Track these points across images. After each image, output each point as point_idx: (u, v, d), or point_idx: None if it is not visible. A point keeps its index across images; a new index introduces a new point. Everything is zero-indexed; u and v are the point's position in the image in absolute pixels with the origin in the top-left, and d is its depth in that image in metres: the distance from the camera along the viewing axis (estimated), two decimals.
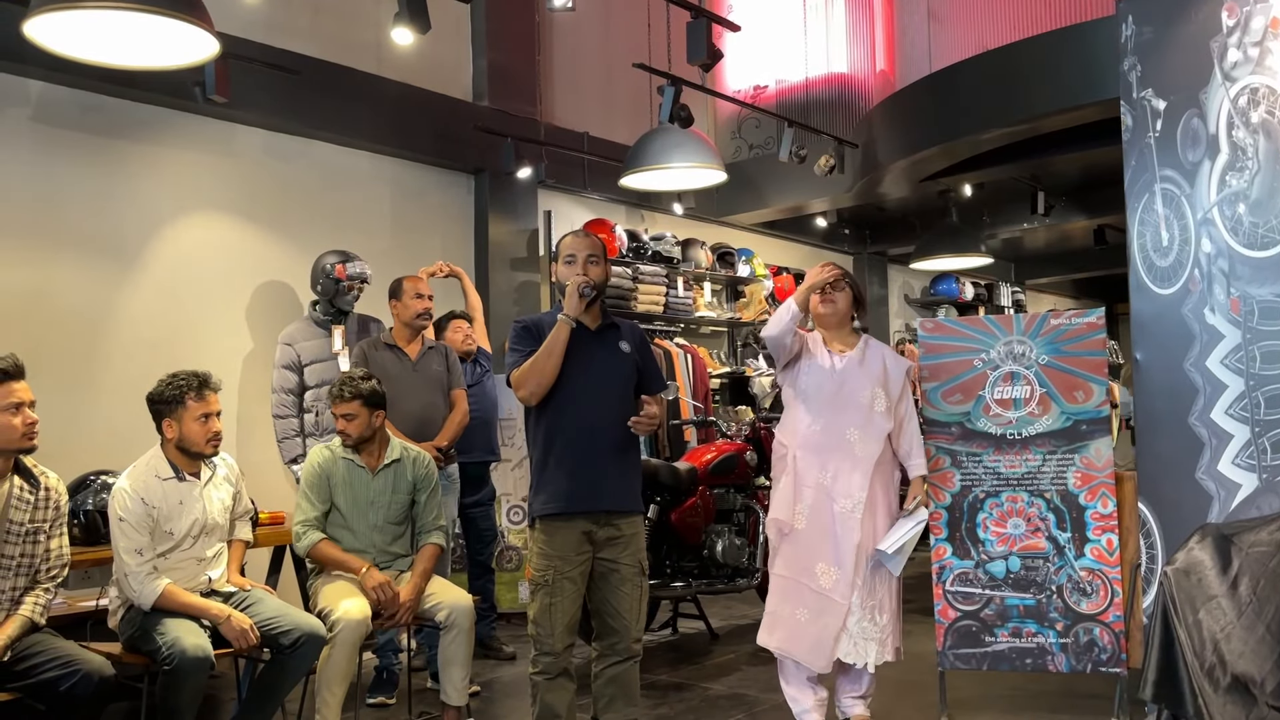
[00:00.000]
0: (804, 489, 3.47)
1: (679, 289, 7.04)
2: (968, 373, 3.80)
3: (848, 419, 3.47)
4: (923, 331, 3.87)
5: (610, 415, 2.99)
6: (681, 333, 7.32)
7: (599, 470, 2.95)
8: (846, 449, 3.45)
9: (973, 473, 3.76)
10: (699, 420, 5.61)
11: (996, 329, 3.80)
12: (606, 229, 6.56)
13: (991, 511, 3.75)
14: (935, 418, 3.79)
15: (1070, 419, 3.71)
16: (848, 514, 3.44)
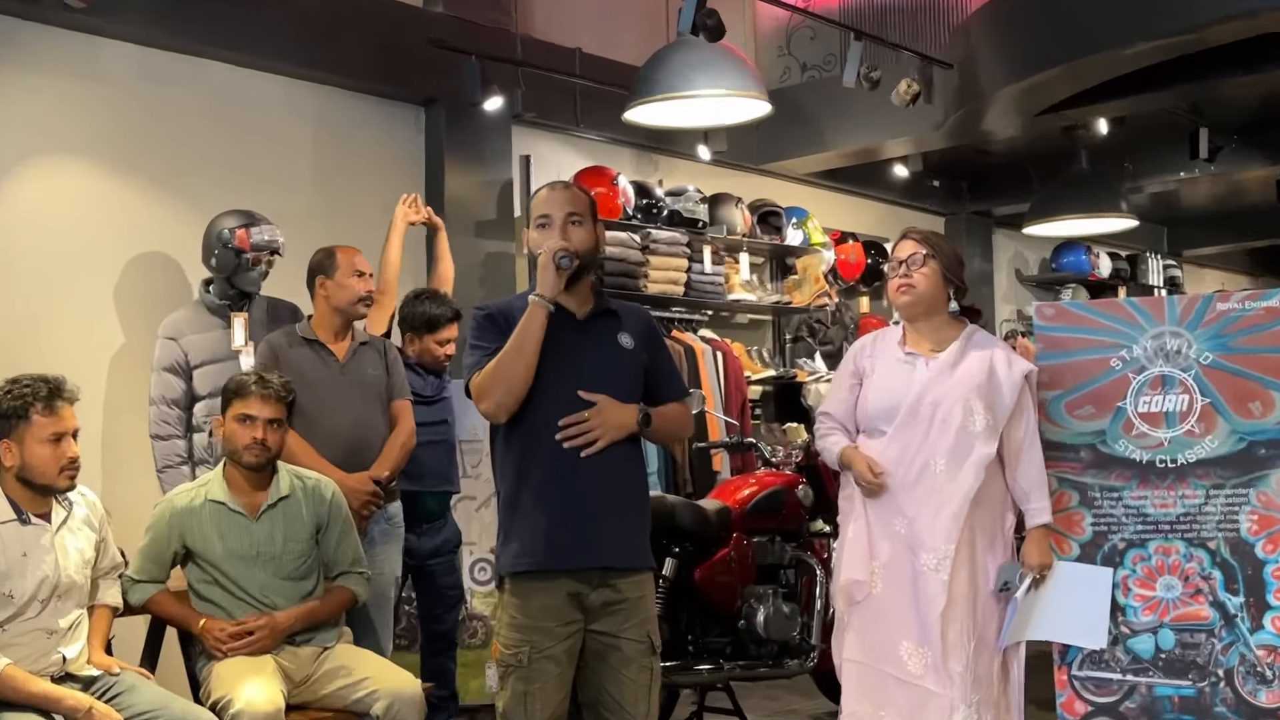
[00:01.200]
0: (879, 540, 3.49)
1: (706, 263, 7.06)
2: (1102, 377, 3.78)
3: (933, 443, 3.47)
4: (1040, 320, 3.86)
5: None
6: (710, 322, 7.34)
7: (591, 511, 2.96)
8: (931, 484, 3.46)
9: (1109, 515, 3.75)
10: (732, 443, 5.61)
11: (1142, 317, 3.79)
12: (605, 181, 6.57)
13: (1135, 568, 3.73)
14: (1058, 439, 3.78)
15: (1244, 440, 3.70)
16: (931, 572, 3.44)
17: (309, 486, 3.76)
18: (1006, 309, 10.25)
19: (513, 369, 2.93)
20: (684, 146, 7.31)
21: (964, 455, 3.46)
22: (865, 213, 8.92)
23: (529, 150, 6.60)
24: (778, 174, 8.09)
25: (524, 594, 2.98)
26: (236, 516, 3.66)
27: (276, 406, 3.68)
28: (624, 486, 3.03)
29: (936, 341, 3.59)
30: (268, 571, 3.64)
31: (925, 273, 3.55)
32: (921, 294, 3.55)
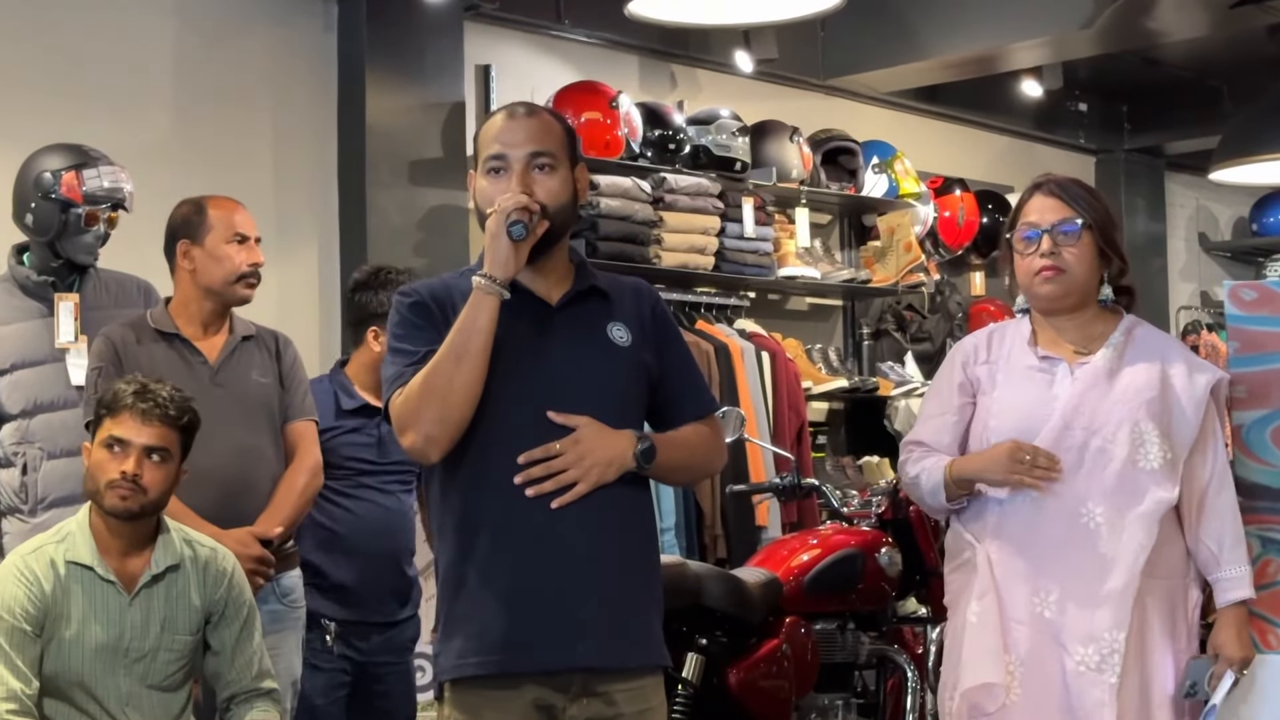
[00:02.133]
0: (1011, 626, 3.49)
1: (746, 223, 7.06)
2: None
3: (1086, 485, 3.47)
4: (1235, 306, 3.83)
5: None
6: (752, 309, 7.33)
7: (567, 587, 2.96)
8: (1086, 544, 3.46)
9: None
10: (785, 485, 5.59)
11: None
12: (601, 103, 6.58)
13: None
14: (1258, 479, 3.75)
15: None
16: (1090, 672, 3.43)
17: (201, 557, 3.76)
18: (1185, 290, 10.23)
19: (448, 384, 2.92)
20: (715, 53, 7.30)
21: (1133, 503, 3.45)
22: (980, 150, 8.90)
23: (489, 58, 6.60)
24: (852, 93, 8.07)
25: (471, 708, 2.98)
26: (107, 589, 3.66)
27: (161, 431, 3.67)
28: (619, 550, 3.01)
29: (1083, 340, 3.58)
30: (133, 677, 3.65)
31: (1079, 250, 3.51)
32: (1075, 280, 3.52)
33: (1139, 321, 3.63)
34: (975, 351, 3.66)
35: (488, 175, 3.07)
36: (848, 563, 4.99)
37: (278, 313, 5.55)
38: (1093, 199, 3.58)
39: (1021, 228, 3.57)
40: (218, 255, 4.27)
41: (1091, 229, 3.52)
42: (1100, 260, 3.55)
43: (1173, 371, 3.53)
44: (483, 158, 3.09)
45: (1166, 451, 3.48)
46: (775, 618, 4.83)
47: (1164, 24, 7.10)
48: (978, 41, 7.44)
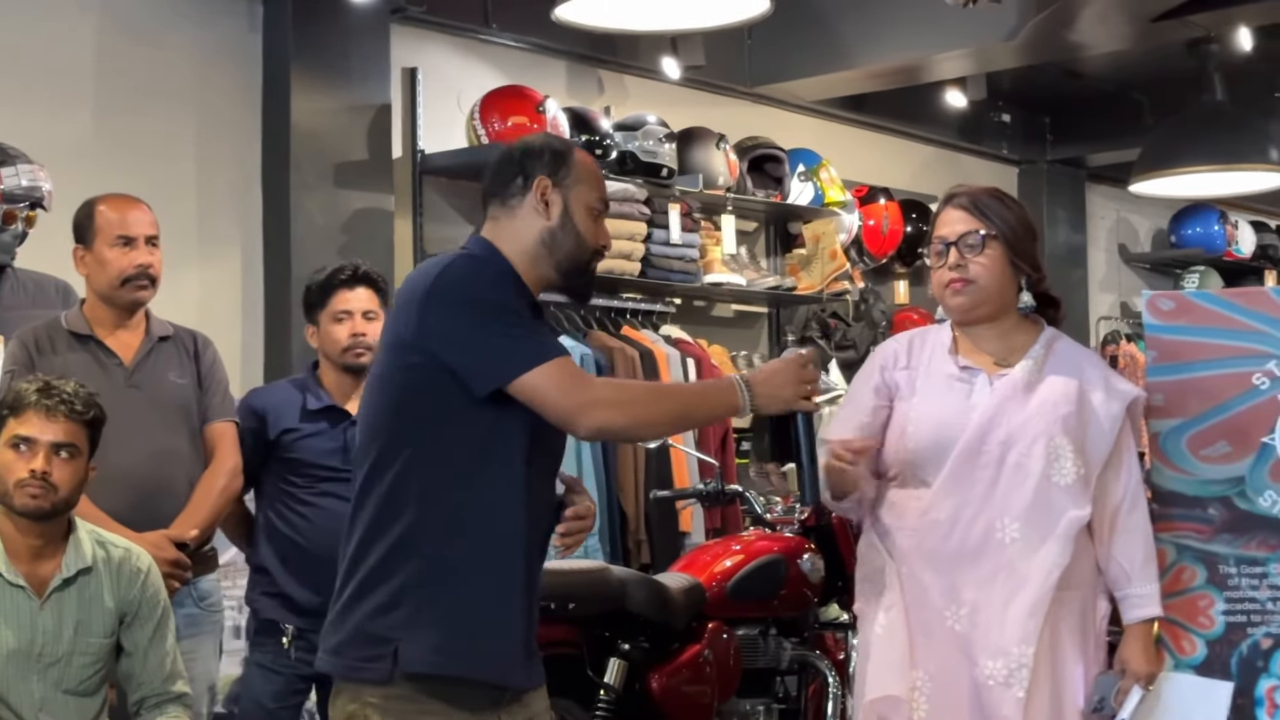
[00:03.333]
0: (923, 639, 3.49)
1: (672, 229, 7.07)
2: (1241, 400, 3.79)
3: (1002, 500, 3.47)
4: (1153, 316, 3.87)
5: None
6: (677, 316, 7.35)
7: (534, 604, 3.19)
8: (999, 559, 3.46)
9: (1249, 599, 3.75)
10: (708, 491, 5.60)
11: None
12: (528, 108, 6.57)
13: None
14: (1177, 488, 3.80)
15: None
16: (999, 686, 3.42)
17: (114, 558, 3.72)
18: (1105, 300, 10.34)
19: (681, 420, 3.35)
20: (642, 59, 7.30)
21: (1047, 519, 3.45)
22: (905, 159, 8.95)
23: (416, 61, 6.60)
24: (778, 101, 8.10)
25: (432, 706, 3.01)
26: (16, 594, 3.62)
27: (68, 427, 3.63)
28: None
29: (1003, 350, 3.57)
30: (48, 682, 3.61)
31: (986, 261, 3.50)
32: (983, 291, 3.51)
33: (1059, 334, 3.63)
34: (895, 356, 3.65)
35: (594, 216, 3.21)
36: (770, 569, 5.01)
37: (199, 313, 5.52)
38: (1003, 209, 3.56)
39: (933, 241, 3.59)
40: (102, 259, 4.24)
41: (998, 239, 3.51)
42: (1012, 271, 3.54)
43: (1090, 388, 3.53)
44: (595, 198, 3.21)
45: (1080, 467, 3.48)
46: (698, 623, 4.84)
47: (1086, 37, 7.17)
48: (903, 52, 7.48)
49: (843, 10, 7.49)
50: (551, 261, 3.14)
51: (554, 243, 3.13)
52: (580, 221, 3.15)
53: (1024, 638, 3.42)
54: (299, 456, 4.50)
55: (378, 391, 3.11)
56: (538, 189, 3.14)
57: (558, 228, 3.14)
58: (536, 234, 3.13)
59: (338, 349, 4.50)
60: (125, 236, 4.25)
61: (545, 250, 3.13)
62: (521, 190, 3.14)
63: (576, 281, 3.21)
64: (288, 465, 4.46)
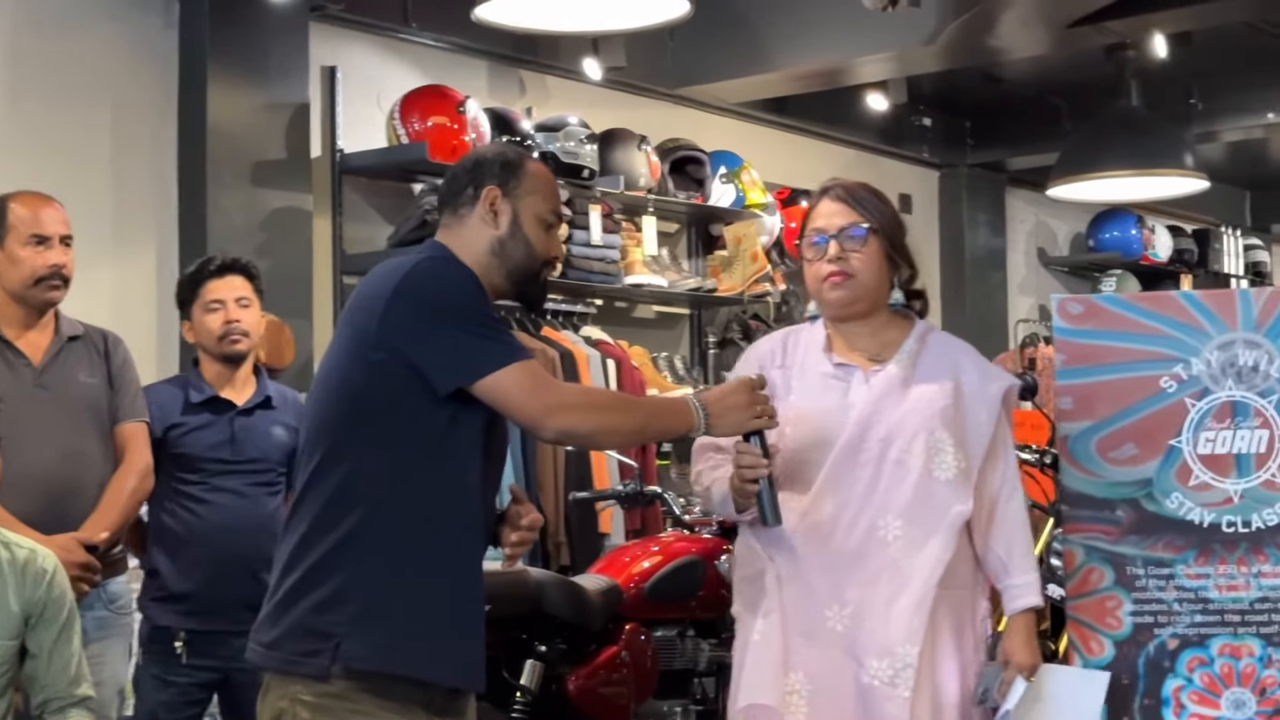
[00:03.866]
0: (802, 642, 3.45)
1: (593, 230, 7.07)
2: (1149, 403, 3.84)
3: (883, 497, 3.44)
4: (1062, 319, 3.91)
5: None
6: (598, 317, 7.35)
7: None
8: (882, 557, 3.43)
9: (1156, 600, 3.80)
10: (627, 493, 5.60)
11: (1205, 318, 3.85)
12: (448, 108, 6.55)
13: (1192, 676, 3.79)
14: (1085, 490, 3.83)
15: None
16: (884, 687, 3.40)
17: (19, 559, 3.67)
18: (1024, 303, 10.41)
19: (640, 433, 3.41)
20: (564, 60, 7.29)
21: (930, 515, 3.42)
22: (826, 162, 8.96)
23: (335, 59, 6.56)
24: (700, 103, 8.11)
25: (374, 703, 3.00)
26: None
27: None
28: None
29: (877, 347, 3.54)
30: None
31: (866, 255, 3.47)
32: (863, 285, 3.48)
33: (931, 327, 3.60)
34: (771, 355, 3.58)
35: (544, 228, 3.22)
36: (688, 570, 5.02)
37: (113, 312, 5.47)
38: (880, 203, 3.55)
39: (810, 234, 3.53)
40: (15, 258, 4.19)
41: (878, 233, 3.49)
42: (888, 265, 3.52)
43: (965, 379, 3.50)
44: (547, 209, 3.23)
45: (961, 460, 3.45)
46: (615, 625, 4.84)
47: (1005, 42, 7.22)
48: (824, 55, 7.51)
49: (764, 13, 7.51)
50: (502, 271, 3.15)
51: (504, 252, 3.15)
52: (530, 231, 3.16)
53: (908, 637, 3.39)
54: (187, 451, 4.48)
55: (330, 388, 3.11)
56: (486, 198, 3.16)
57: (507, 237, 3.15)
58: (486, 243, 3.15)
59: (214, 338, 4.51)
60: (39, 235, 4.20)
61: (495, 260, 3.15)
62: (471, 200, 3.17)
63: (528, 290, 3.23)
64: (177, 462, 4.44)
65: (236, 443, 4.58)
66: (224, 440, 4.55)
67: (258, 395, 4.65)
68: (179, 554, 4.49)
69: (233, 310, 4.56)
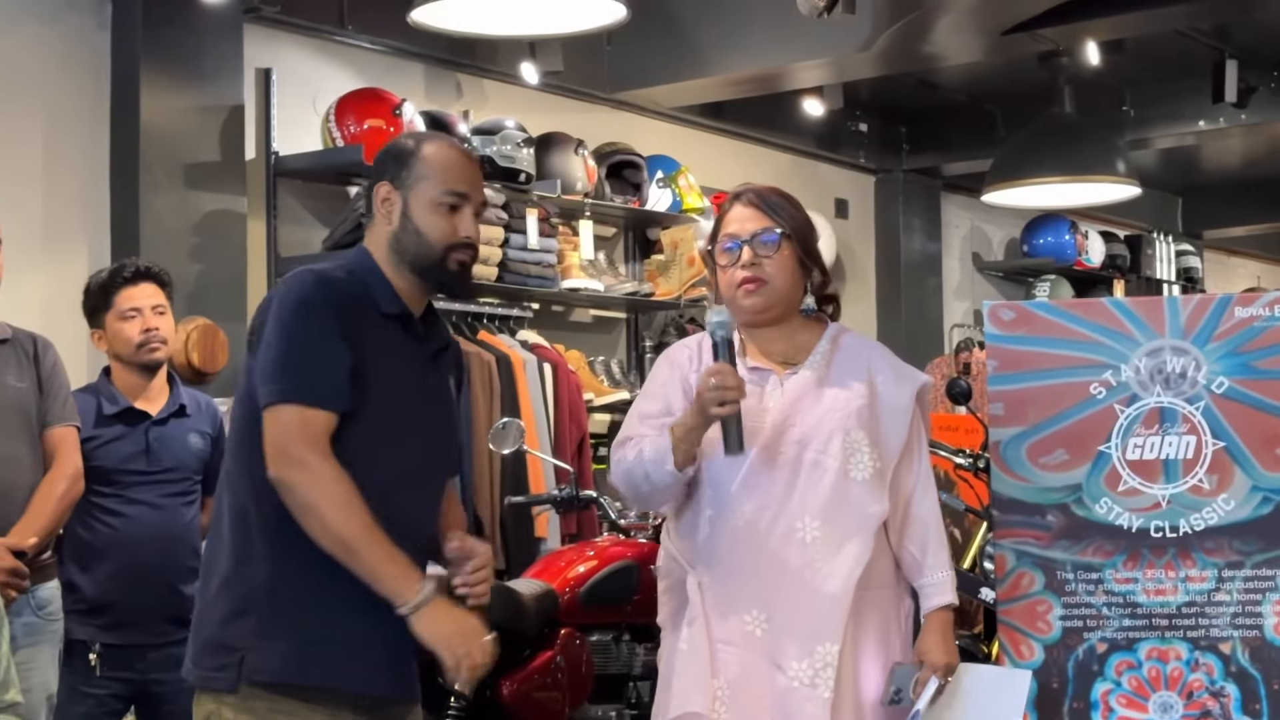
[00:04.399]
0: (721, 649, 3.43)
1: (530, 234, 7.06)
2: (1079, 409, 3.88)
3: (801, 499, 3.44)
4: (994, 325, 3.95)
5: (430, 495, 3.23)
6: (535, 321, 7.34)
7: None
8: (800, 559, 3.42)
9: (1085, 604, 3.85)
10: (564, 497, 5.60)
11: (1134, 325, 3.90)
12: (384, 111, 6.53)
13: (1120, 679, 3.83)
14: (1016, 495, 3.87)
15: (1270, 500, 3.83)
16: (804, 688, 3.39)
17: None
18: (959, 308, 10.45)
19: (338, 544, 3.00)
20: (501, 64, 7.28)
21: (847, 516, 3.42)
22: (763, 167, 9.00)
23: (270, 61, 6.53)
24: (637, 107, 8.11)
25: (291, 703, 2.99)
26: None
27: None
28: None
29: (790, 350, 3.54)
30: None
31: (779, 261, 3.46)
32: (777, 291, 3.47)
33: (844, 329, 3.60)
34: (690, 359, 3.56)
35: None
36: (623, 574, 5.02)
37: (44, 316, 5.40)
38: (792, 208, 3.54)
39: (722, 239, 3.52)
40: None
41: (791, 239, 3.48)
42: (801, 270, 3.52)
43: (880, 379, 3.50)
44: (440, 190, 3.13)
45: (876, 460, 3.45)
46: (551, 629, 4.84)
47: (940, 48, 7.26)
48: (761, 60, 7.52)
49: (701, 18, 7.51)
50: (403, 266, 3.09)
51: (400, 247, 3.09)
52: (421, 220, 3.08)
53: (828, 638, 3.38)
54: (101, 464, 4.45)
55: (239, 404, 3.08)
56: (378, 196, 3.12)
57: (399, 231, 3.10)
58: (386, 241, 3.10)
59: (131, 347, 4.49)
60: None
61: (395, 256, 3.10)
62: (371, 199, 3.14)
63: (442, 279, 3.13)
64: (92, 474, 4.39)
65: (152, 453, 4.55)
66: (139, 451, 4.53)
67: (172, 404, 4.63)
68: (94, 567, 4.46)
69: (150, 318, 4.54)
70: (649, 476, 3.42)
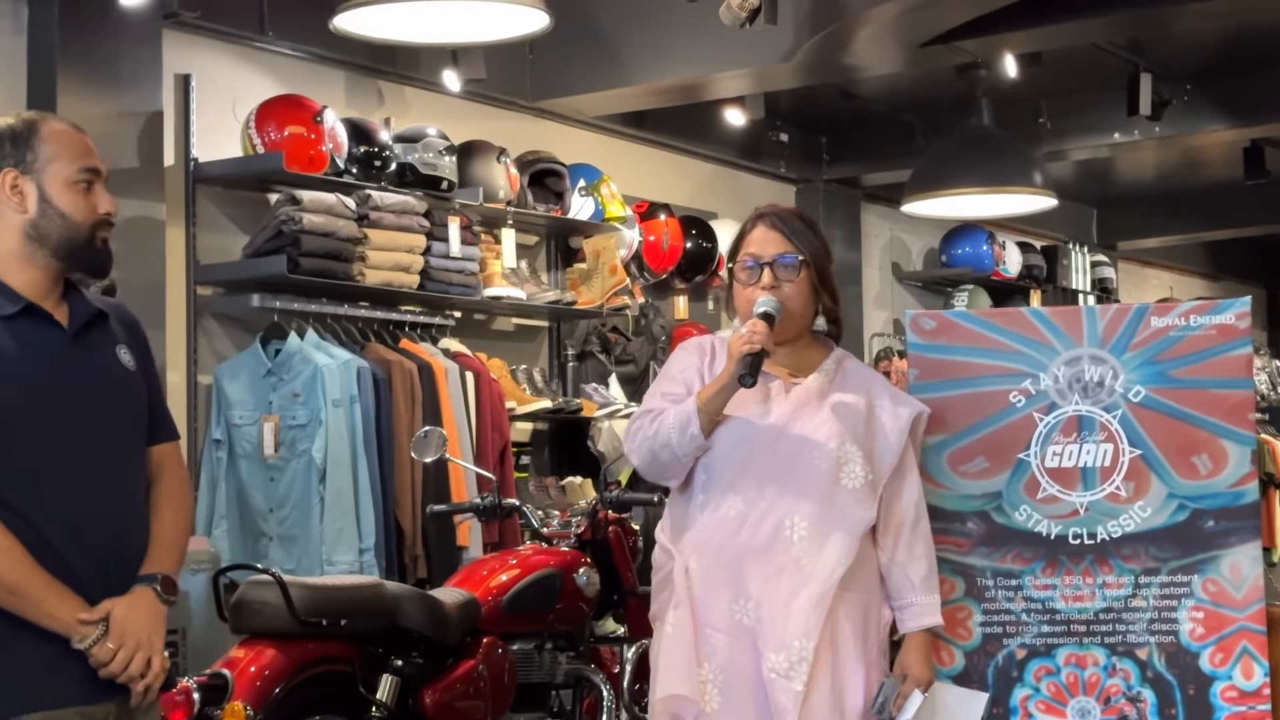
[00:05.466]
0: (710, 634, 3.56)
1: (452, 242, 7.04)
2: (999, 417, 3.91)
3: (789, 499, 3.57)
4: (915, 334, 3.96)
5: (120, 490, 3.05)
6: (457, 329, 7.33)
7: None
8: (786, 554, 3.55)
9: (1005, 610, 3.87)
10: (485, 505, 5.58)
11: (1053, 334, 3.92)
12: (306, 118, 6.49)
13: (1039, 685, 3.85)
14: (937, 503, 3.88)
15: (1186, 507, 3.86)
16: (780, 679, 3.51)
17: None
18: (879, 318, 10.53)
19: None
20: (423, 71, 7.26)
21: (834, 519, 3.56)
22: (685, 176, 9.03)
23: (189, 67, 6.48)
24: (560, 116, 8.11)
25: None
26: None
27: None
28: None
29: (796, 365, 3.70)
30: None
31: (797, 285, 3.61)
32: (792, 313, 3.62)
33: (847, 354, 3.77)
34: (704, 352, 3.71)
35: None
36: (546, 583, 5.02)
37: None
38: (813, 234, 3.69)
39: (743, 258, 3.66)
40: None
41: (809, 265, 3.63)
42: (815, 294, 3.67)
43: (878, 403, 3.67)
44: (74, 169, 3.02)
45: (868, 473, 3.60)
46: (473, 638, 4.82)
47: (860, 59, 7.31)
48: (683, 70, 7.55)
49: (624, 27, 7.53)
50: (47, 250, 3.00)
51: (40, 233, 3.00)
52: (61, 201, 2.99)
53: (805, 632, 3.52)
54: None
55: None
56: (4, 184, 2.99)
57: (38, 218, 2.99)
58: (20, 230, 3.00)
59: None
60: None
61: (35, 244, 3.01)
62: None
63: (90, 258, 3.05)
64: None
65: None
66: None
67: None
68: None
69: None
70: (670, 444, 3.56)
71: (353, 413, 6.28)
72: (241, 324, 6.59)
